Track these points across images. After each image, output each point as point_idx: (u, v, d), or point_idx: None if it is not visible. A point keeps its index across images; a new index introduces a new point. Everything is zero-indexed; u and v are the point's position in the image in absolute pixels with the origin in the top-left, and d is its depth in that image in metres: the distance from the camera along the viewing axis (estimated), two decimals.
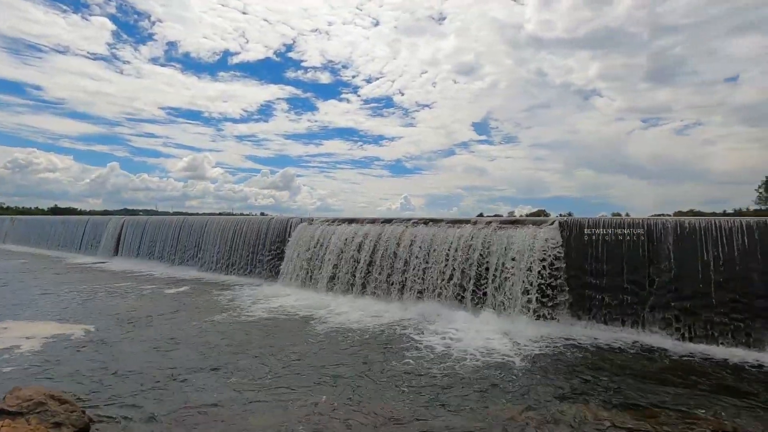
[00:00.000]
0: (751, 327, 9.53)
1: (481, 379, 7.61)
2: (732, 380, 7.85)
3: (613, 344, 9.94)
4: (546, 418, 6.06)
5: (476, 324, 11.38)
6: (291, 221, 19.84)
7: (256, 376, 7.60)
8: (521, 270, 11.96)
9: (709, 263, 10.19)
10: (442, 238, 14.05)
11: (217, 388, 7.03)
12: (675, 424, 5.90)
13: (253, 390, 6.95)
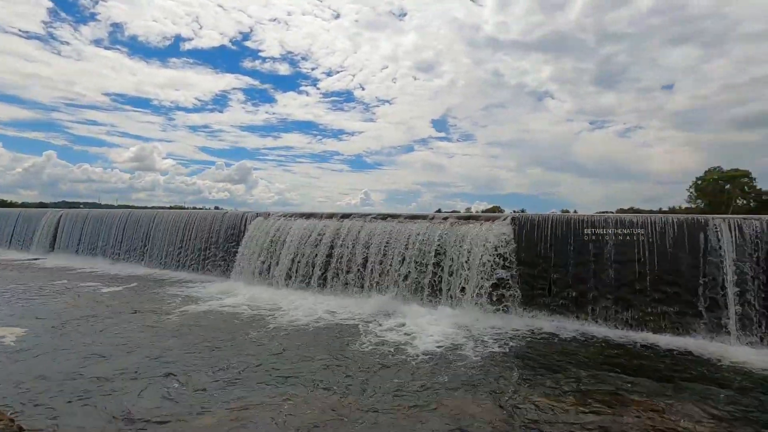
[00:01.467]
0: (680, 315, 10.36)
1: (436, 372, 7.77)
2: (664, 364, 8.50)
3: (560, 334, 10.47)
4: (498, 406, 6.29)
5: (433, 318, 11.59)
6: (246, 215, 19.25)
7: (205, 379, 7.30)
8: (475, 264, 12.31)
9: (644, 257, 10.96)
10: (399, 234, 14.17)
11: (161, 395, 6.70)
12: (611, 407, 6.31)
13: (202, 394, 6.69)
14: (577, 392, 6.91)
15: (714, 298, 10.10)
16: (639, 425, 5.74)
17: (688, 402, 6.58)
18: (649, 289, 10.75)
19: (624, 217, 11.92)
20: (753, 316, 9.67)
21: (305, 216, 17.41)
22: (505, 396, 6.73)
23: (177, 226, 21.40)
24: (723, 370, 8.27)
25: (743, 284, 9.88)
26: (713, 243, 10.38)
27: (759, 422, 5.96)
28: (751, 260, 9.97)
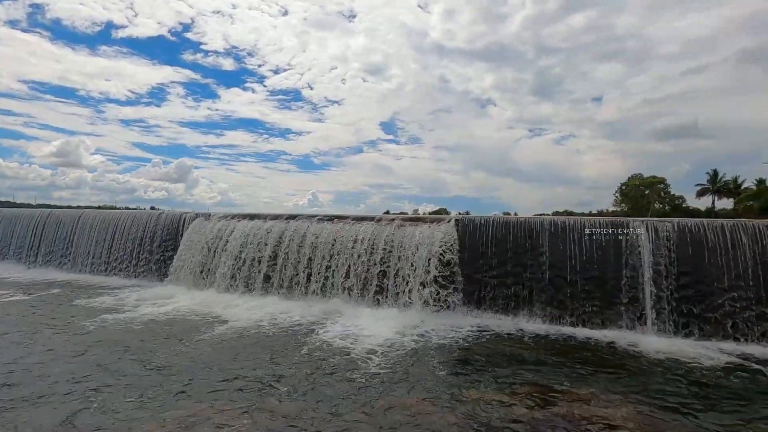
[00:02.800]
0: (605, 310, 11.22)
1: (382, 372, 7.80)
2: (591, 356, 9.17)
3: (499, 331, 10.94)
4: (437, 404, 6.43)
5: (379, 319, 11.64)
6: (185, 216, 18.23)
7: (138, 395, 6.81)
8: (421, 265, 12.56)
9: (574, 256, 11.78)
10: (347, 235, 14.11)
11: (89, 411, 6.15)
12: (543, 398, 6.69)
13: (134, 407, 6.22)
14: (514, 386, 7.26)
15: (634, 293, 11.05)
16: (568, 415, 6.13)
17: (611, 390, 7.15)
18: (579, 287, 11.56)
19: (556, 219, 12.73)
20: (666, 308, 10.71)
21: (249, 217, 16.82)
22: (445, 393, 6.91)
23: (106, 227, 19.78)
24: (641, 358, 9.07)
25: (658, 280, 10.92)
26: (633, 242, 11.38)
27: (671, 403, 6.59)
28: (664, 258, 11.04)
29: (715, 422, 6.05)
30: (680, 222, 11.51)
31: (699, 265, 10.80)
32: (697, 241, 10.99)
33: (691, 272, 10.80)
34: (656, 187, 51.12)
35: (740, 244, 10.64)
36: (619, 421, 5.93)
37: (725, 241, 10.77)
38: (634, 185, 52.17)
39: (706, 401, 6.82)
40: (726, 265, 10.59)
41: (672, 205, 50.33)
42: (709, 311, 10.43)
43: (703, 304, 10.52)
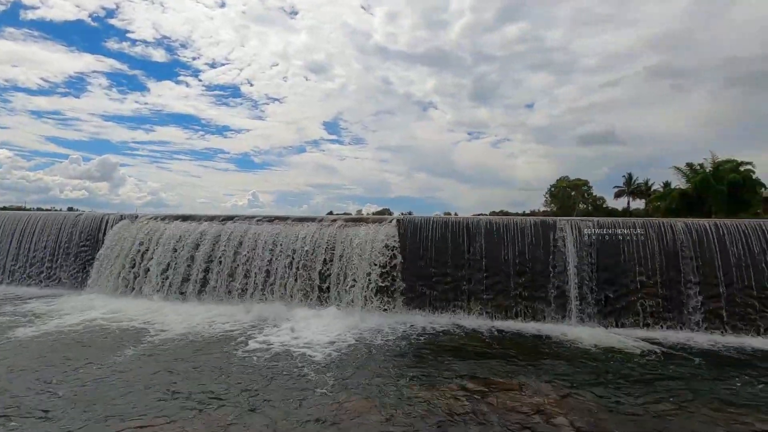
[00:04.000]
0: (536, 303, 11.97)
1: (325, 375, 7.70)
2: (523, 347, 9.72)
3: (439, 328, 11.25)
4: (381, 403, 6.47)
5: (321, 320, 11.49)
6: (108, 218, 16.78)
7: (53, 414, 6.14)
8: (362, 265, 12.59)
9: (508, 254, 12.44)
10: (288, 236, 13.78)
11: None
12: (479, 391, 6.98)
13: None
14: (452, 381, 7.50)
15: (561, 288, 11.90)
16: (501, 405, 6.44)
17: (538, 378, 7.63)
18: (512, 282, 12.22)
19: (491, 218, 13.38)
20: (588, 300, 11.65)
21: (182, 218, 15.85)
22: (386, 392, 6.98)
23: (12, 230, 17.65)
24: (567, 347, 9.79)
25: (581, 274, 11.85)
26: (560, 241, 12.26)
27: (592, 386, 7.17)
28: (587, 254, 12.01)
29: (631, 401, 6.67)
30: (599, 221, 12.60)
31: (615, 260, 11.88)
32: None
33: (608, 267, 11.85)
34: (581, 189, 55.55)
35: (648, 239, 11.86)
36: (546, 407, 6.33)
37: (635, 237, 11.94)
38: (561, 187, 56.27)
39: (623, 383, 7.51)
40: (637, 260, 11.75)
41: (594, 206, 54.94)
42: (624, 301, 11.51)
43: (619, 295, 11.58)
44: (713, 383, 7.64)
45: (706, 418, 6.16)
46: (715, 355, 9.48)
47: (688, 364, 8.76)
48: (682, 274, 11.39)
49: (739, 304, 10.94)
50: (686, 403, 6.69)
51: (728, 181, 35.22)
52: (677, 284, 11.37)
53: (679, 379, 7.79)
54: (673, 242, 11.69)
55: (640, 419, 6.07)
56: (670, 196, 40.33)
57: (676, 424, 5.93)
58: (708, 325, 10.93)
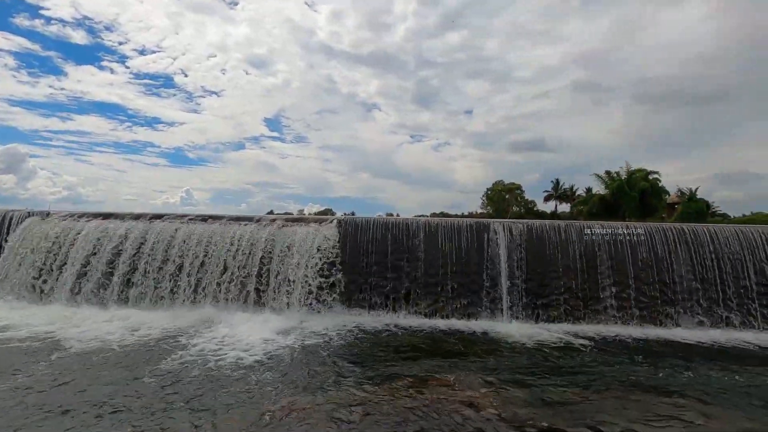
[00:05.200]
0: (471, 302, 12.47)
1: (257, 379, 7.43)
2: (457, 345, 10.08)
3: (378, 328, 11.33)
4: (318, 404, 6.38)
5: (258, 324, 11.09)
6: (12, 215, 14.96)
7: None
8: (302, 266, 12.36)
9: (446, 255, 12.86)
10: (222, 237, 13.16)
11: None
12: (416, 388, 7.13)
13: None
14: (390, 379, 7.59)
15: (494, 286, 12.52)
16: (436, 400, 6.64)
17: (471, 373, 7.96)
18: (449, 282, 12.64)
19: (430, 219, 13.76)
20: (518, 297, 12.37)
21: (103, 216, 14.55)
22: (323, 393, 6.90)
23: None
24: (499, 342, 10.30)
25: (511, 273, 12.54)
26: (493, 241, 12.89)
27: (521, 379, 7.60)
28: (517, 254, 12.74)
29: (554, 390, 7.16)
30: (528, 223, 13.43)
31: (542, 259, 12.73)
32: (541, 238, 12.94)
33: (536, 265, 12.67)
34: (514, 193, 58.94)
35: (570, 241, 12.85)
36: (478, 400, 6.62)
37: (560, 238, 12.89)
38: (497, 190, 59.33)
39: (547, 374, 8.04)
40: (561, 259, 12.68)
41: (526, 209, 58.50)
42: (550, 298, 12.36)
43: (546, 293, 12.42)
44: (625, 370, 8.44)
45: (617, 401, 6.78)
46: (627, 344, 10.48)
47: (604, 353, 9.60)
48: (599, 273, 12.47)
49: (646, 298, 12.20)
50: (601, 389, 7.33)
51: (639, 189, 39.19)
52: (595, 281, 12.43)
53: (596, 368, 8.51)
54: (591, 243, 12.77)
55: (560, 406, 6.54)
56: (591, 200, 44.02)
57: (591, 409, 6.46)
58: (621, 318, 12.06)
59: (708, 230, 12.96)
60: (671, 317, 12.00)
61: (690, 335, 11.27)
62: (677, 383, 7.70)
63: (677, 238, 12.74)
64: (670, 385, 7.61)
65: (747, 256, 12.38)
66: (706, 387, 7.50)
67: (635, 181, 39.75)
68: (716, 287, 12.17)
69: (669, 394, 7.09)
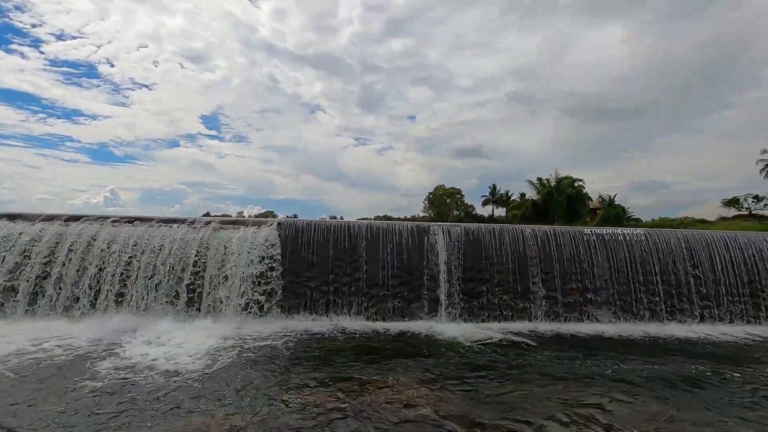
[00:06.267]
0: (412, 303, 12.72)
1: (187, 391, 7.01)
2: (396, 346, 10.21)
3: (318, 332, 11.16)
4: (252, 414, 6.15)
5: (190, 333, 10.49)
6: None
7: None
8: (238, 271, 11.88)
9: (387, 258, 13.02)
10: (151, 240, 12.30)
11: None
12: (354, 390, 7.13)
13: None
14: (327, 384, 7.50)
15: (433, 287, 12.86)
16: (375, 402, 6.67)
17: (410, 374, 8.10)
18: (390, 284, 12.80)
19: (373, 222, 13.86)
20: (456, 299, 12.81)
21: (8, 217, 13.00)
22: (264, 401, 6.67)
23: None
24: (434, 343, 10.59)
25: (450, 275, 12.98)
26: (433, 244, 13.26)
27: (457, 378, 7.87)
28: (455, 257, 13.21)
29: (488, 386, 7.48)
30: (466, 226, 13.99)
31: (478, 261, 13.31)
32: (477, 241, 13.53)
33: (472, 267, 13.21)
34: (455, 197, 61.15)
35: (504, 243, 13.57)
36: (415, 400, 6.75)
37: (494, 241, 13.57)
38: (438, 194, 61.20)
39: (483, 371, 8.39)
40: (496, 260, 13.34)
41: (466, 212, 60.92)
42: (485, 298, 12.94)
43: (482, 293, 12.98)
44: (551, 363, 9.03)
45: (544, 393, 7.22)
46: (554, 339, 11.24)
47: (534, 349, 10.22)
48: (529, 273, 13.28)
49: (570, 297, 13.19)
50: (530, 382, 7.78)
51: (566, 195, 42.34)
52: (526, 281, 13.22)
53: (527, 363, 9.03)
54: (523, 245, 13.58)
55: (492, 401, 6.85)
56: (524, 205, 46.87)
57: (520, 402, 6.83)
58: (550, 315, 12.92)
59: (623, 233, 14.31)
60: (592, 313, 13.06)
61: (607, 329, 12.34)
62: (595, 373, 8.39)
63: (596, 240, 13.92)
64: (589, 374, 8.27)
65: (654, 256, 13.82)
66: (620, 375, 8.25)
67: (563, 187, 42.94)
68: (629, 285, 13.45)
69: (588, 384, 7.71)
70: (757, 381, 8.13)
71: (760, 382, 8.05)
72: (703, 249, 13.99)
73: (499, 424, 5.93)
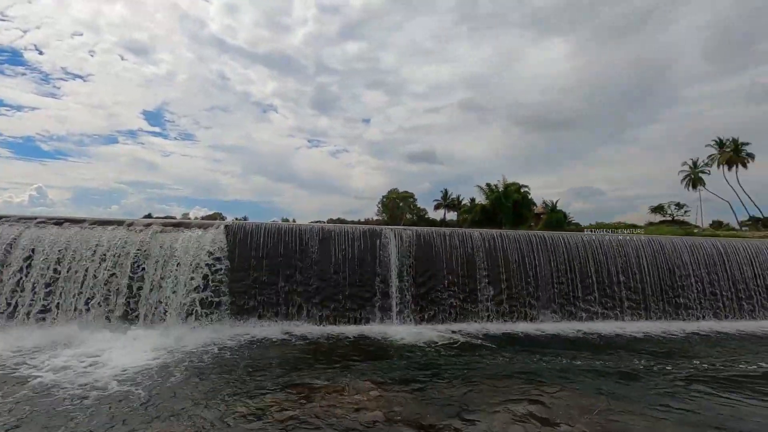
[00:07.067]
0: (364, 307, 12.72)
1: (126, 408, 6.54)
2: (349, 350, 10.17)
3: (269, 338, 10.88)
4: (200, 427, 5.86)
5: (126, 343, 9.81)
6: None
7: None
8: (182, 276, 11.29)
9: (339, 261, 12.94)
10: (83, 243, 11.39)
11: None
12: (306, 396, 7.00)
13: None
14: (277, 390, 7.32)
15: (385, 291, 12.95)
16: (325, 407, 6.58)
17: (361, 377, 8.10)
18: (342, 288, 12.73)
19: (325, 226, 13.74)
20: (407, 302, 12.98)
21: None
22: (209, 413, 6.37)
23: None
24: (386, 345, 10.68)
25: (401, 278, 13.14)
26: (384, 247, 13.36)
27: (407, 380, 7.95)
28: (407, 260, 13.39)
29: (438, 386, 7.63)
30: (417, 230, 14.24)
31: (429, 264, 13.58)
32: (429, 245, 13.82)
33: (424, 270, 13.46)
34: (408, 201, 62.08)
35: (454, 246, 13.96)
36: (365, 404, 6.75)
37: (445, 244, 13.92)
38: (392, 198, 61.84)
39: (432, 371, 8.55)
40: (446, 264, 13.69)
41: (419, 216, 62.00)
42: (436, 300, 13.22)
43: (432, 296, 13.25)
44: (498, 361, 9.40)
45: (490, 391, 7.48)
46: (500, 338, 11.70)
47: (482, 348, 10.58)
48: (477, 275, 13.75)
49: (515, 298, 13.81)
50: (477, 380, 8.04)
51: (513, 200, 44.34)
52: (474, 283, 13.67)
53: (475, 362, 9.34)
54: (472, 248, 14.05)
55: (441, 401, 7.00)
56: (474, 210, 48.50)
57: (467, 400, 7.03)
58: (497, 315, 13.43)
59: (563, 237, 15.21)
60: (535, 313, 13.74)
61: (548, 328, 13.05)
62: (537, 370, 8.84)
63: (539, 244, 14.69)
64: (532, 371, 8.70)
65: (591, 259, 14.81)
66: (559, 371, 8.74)
67: (510, 193, 44.96)
68: (568, 286, 14.31)
69: (531, 380, 8.08)
70: (678, 373, 8.94)
71: (681, 374, 8.86)
72: (632, 252, 15.19)
73: (448, 424, 6.07)
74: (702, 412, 6.75)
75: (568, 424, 6.07)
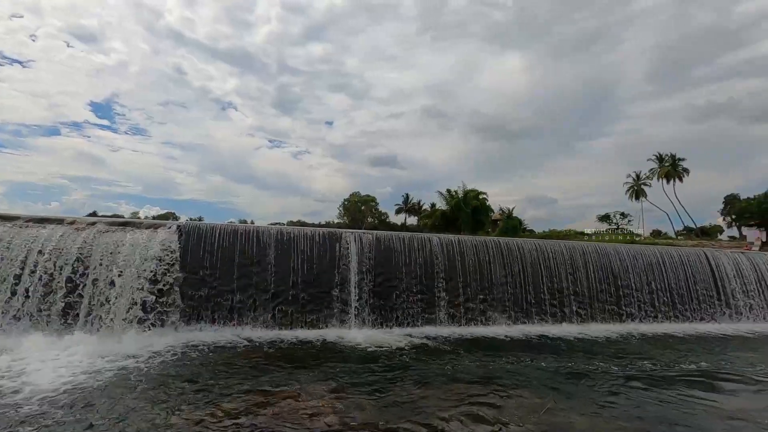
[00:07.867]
0: (322, 311, 12.55)
1: (56, 424, 6.06)
2: (304, 355, 10.01)
3: (220, 343, 10.48)
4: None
5: (63, 349, 9.12)
6: None
7: None
8: (129, 279, 10.66)
9: (297, 265, 12.72)
10: (15, 242, 10.51)
11: None
12: (258, 404, 6.80)
13: None
14: (228, 397, 7.06)
15: (344, 295, 12.86)
16: (279, 414, 6.42)
17: (316, 382, 7.99)
18: (300, 292, 12.51)
19: (284, 228, 13.49)
20: (366, 305, 12.96)
21: None
22: (147, 426, 6.04)
23: None
24: (343, 350, 10.59)
25: (361, 282, 13.11)
26: (344, 251, 13.29)
27: (365, 385, 7.92)
28: (366, 263, 13.38)
29: (393, 390, 7.65)
30: (377, 234, 14.28)
31: (388, 268, 13.65)
32: (388, 248, 13.89)
33: (383, 274, 13.51)
34: (369, 204, 62.23)
35: (413, 251, 14.12)
36: (321, 409, 6.66)
37: (404, 248, 14.05)
38: (353, 201, 61.76)
39: (389, 375, 8.57)
40: (405, 267, 13.80)
41: (380, 220, 62.28)
42: (394, 304, 13.29)
43: (391, 300, 13.31)
44: (453, 364, 9.55)
45: (444, 394, 7.60)
46: (456, 342, 11.92)
47: (439, 352, 10.74)
48: (435, 280, 13.97)
49: (472, 302, 14.14)
50: (433, 384, 8.14)
51: (472, 206, 45.53)
52: (432, 288, 13.87)
53: (430, 365, 9.44)
54: (430, 253, 14.26)
55: (397, 405, 7.03)
56: (434, 215, 49.36)
57: (423, 403, 7.10)
58: (454, 319, 13.69)
59: (517, 243, 15.78)
60: (490, 317, 14.14)
61: (503, 331, 13.46)
62: (490, 372, 9.08)
63: (495, 249, 15.15)
64: (485, 374, 8.93)
65: (542, 264, 15.46)
66: (511, 373, 9.04)
67: (469, 199, 46.14)
68: (521, 290, 14.85)
69: (483, 383, 8.29)
70: (621, 372, 9.49)
71: (624, 373, 9.41)
72: (579, 258, 16.02)
73: (401, 427, 6.11)
74: (641, 407, 7.22)
75: (517, 424, 6.28)
